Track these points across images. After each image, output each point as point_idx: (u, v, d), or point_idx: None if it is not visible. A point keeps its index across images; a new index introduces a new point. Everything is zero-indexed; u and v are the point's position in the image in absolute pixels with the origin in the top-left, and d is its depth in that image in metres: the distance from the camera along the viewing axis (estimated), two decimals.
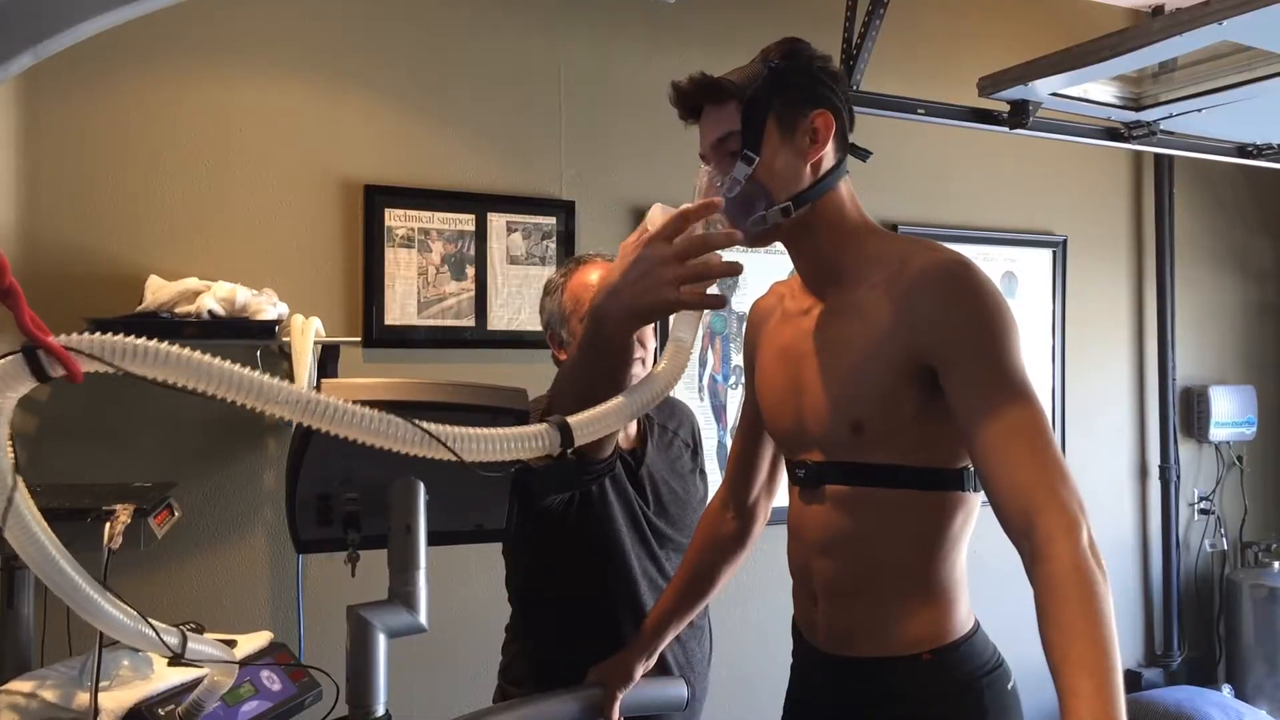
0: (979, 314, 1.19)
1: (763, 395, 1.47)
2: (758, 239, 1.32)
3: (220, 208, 2.48)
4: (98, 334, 0.81)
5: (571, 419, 1.02)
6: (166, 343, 0.82)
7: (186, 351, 0.81)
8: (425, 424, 0.92)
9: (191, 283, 2.29)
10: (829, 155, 1.32)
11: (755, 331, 1.54)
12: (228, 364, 0.83)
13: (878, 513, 1.29)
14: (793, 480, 1.42)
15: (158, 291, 2.26)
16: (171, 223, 2.43)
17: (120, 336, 0.81)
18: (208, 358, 0.82)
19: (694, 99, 1.34)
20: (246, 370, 0.84)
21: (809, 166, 1.31)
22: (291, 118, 2.55)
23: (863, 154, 1.40)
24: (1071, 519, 1.07)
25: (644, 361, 1.72)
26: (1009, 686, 1.31)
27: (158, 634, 1.02)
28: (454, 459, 0.94)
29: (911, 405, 1.24)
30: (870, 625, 1.31)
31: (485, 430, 0.98)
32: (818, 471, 1.35)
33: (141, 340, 0.81)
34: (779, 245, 1.37)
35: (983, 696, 1.27)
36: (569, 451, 1.00)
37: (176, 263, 2.40)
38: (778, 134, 1.29)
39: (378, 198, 2.62)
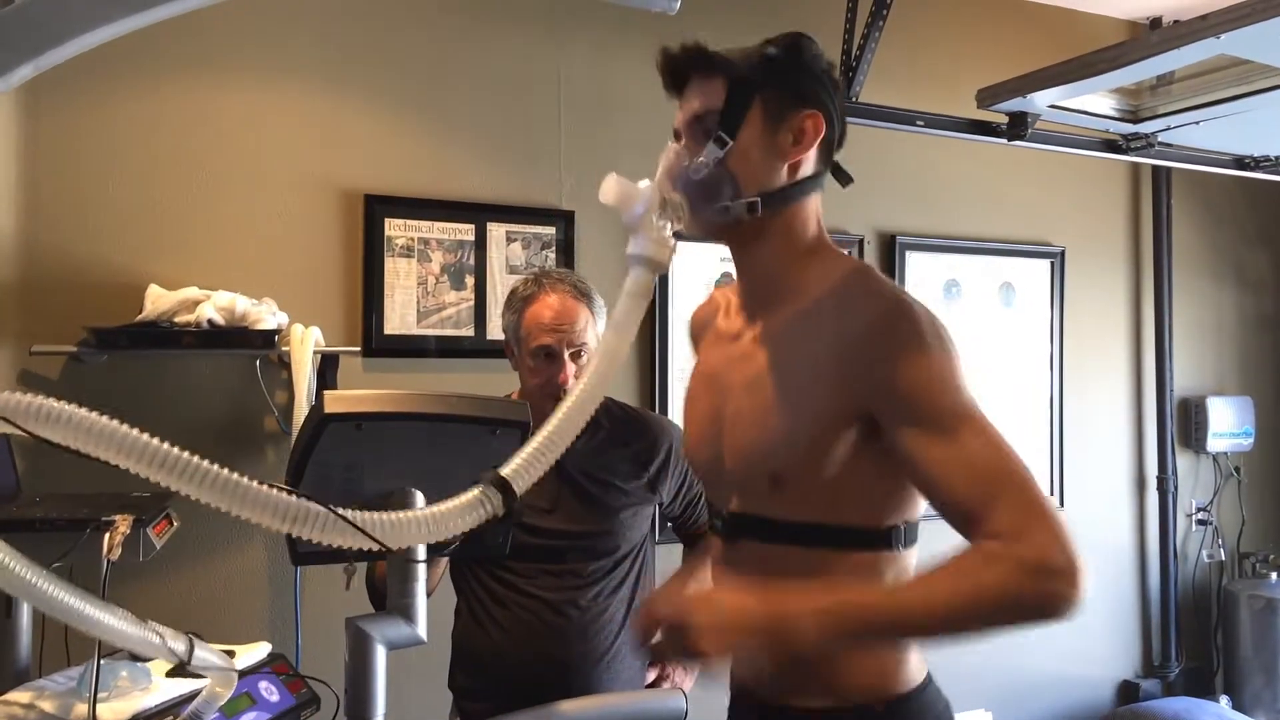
0: (928, 363, 1.09)
1: (685, 421, 1.37)
2: (713, 231, 1.23)
3: (220, 217, 2.48)
4: (5, 392, 0.80)
5: (506, 470, 1.00)
6: (74, 406, 0.81)
7: (96, 417, 0.81)
8: (349, 513, 0.94)
9: (191, 292, 2.30)
10: (809, 162, 1.22)
11: (695, 344, 1.45)
12: (136, 433, 0.83)
13: (800, 572, 1.16)
14: (711, 528, 1.34)
15: (158, 300, 2.27)
16: (172, 232, 2.43)
17: (27, 396, 0.80)
18: (117, 425, 0.83)
19: (682, 68, 1.25)
20: (156, 442, 0.84)
21: (786, 167, 1.21)
22: (292, 127, 2.56)
23: (844, 178, 1.29)
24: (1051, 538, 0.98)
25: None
26: None
27: (163, 640, 1.02)
28: (382, 549, 0.96)
29: (837, 460, 1.13)
30: (815, 674, 1.19)
31: (424, 511, 0.99)
32: (735, 524, 1.25)
33: (49, 402, 0.81)
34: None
35: None
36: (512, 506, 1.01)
37: (177, 272, 2.40)
38: (761, 123, 1.19)
39: (378, 207, 2.62)
